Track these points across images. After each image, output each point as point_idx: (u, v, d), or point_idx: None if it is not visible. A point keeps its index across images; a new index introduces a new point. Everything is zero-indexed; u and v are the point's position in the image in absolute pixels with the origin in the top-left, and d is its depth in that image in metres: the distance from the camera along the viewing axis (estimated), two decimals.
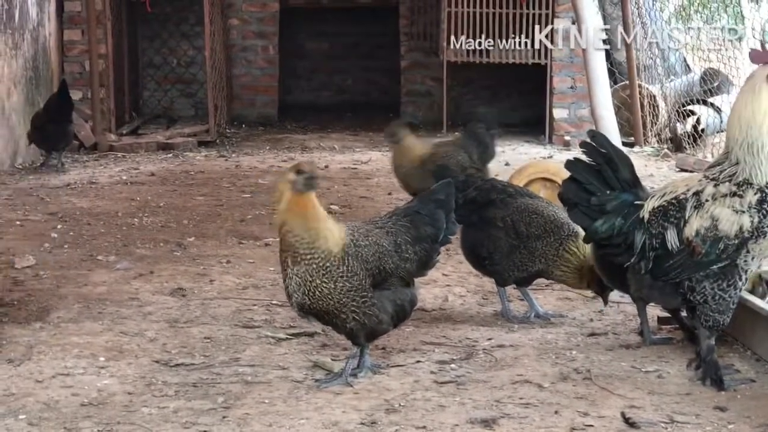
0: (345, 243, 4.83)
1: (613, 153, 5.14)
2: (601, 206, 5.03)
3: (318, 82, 17.30)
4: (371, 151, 12.96)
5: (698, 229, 4.78)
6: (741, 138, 4.81)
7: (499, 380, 4.97)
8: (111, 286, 6.65)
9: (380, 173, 11.32)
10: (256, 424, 4.41)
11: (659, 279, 4.94)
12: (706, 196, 4.81)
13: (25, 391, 4.80)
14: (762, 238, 4.72)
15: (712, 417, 4.48)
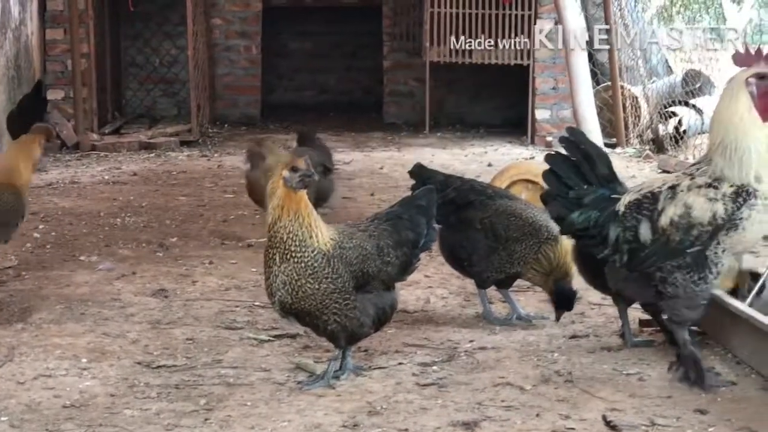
0: (333, 243, 4.84)
1: (590, 149, 5.24)
2: (579, 199, 5.11)
3: (301, 81, 17.31)
4: (354, 152, 12.98)
5: (672, 217, 4.84)
6: (718, 140, 4.86)
7: (480, 383, 4.97)
8: (93, 287, 6.65)
9: (362, 174, 11.33)
10: (238, 427, 4.41)
11: (635, 270, 4.98)
12: (682, 188, 4.88)
13: (6, 392, 4.79)
14: (734, 231, 4.77)
15: (693, 420, 4.49)
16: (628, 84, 13.54)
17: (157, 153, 12.70)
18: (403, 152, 12.98)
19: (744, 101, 4.81)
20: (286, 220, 4.78)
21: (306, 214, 4.81)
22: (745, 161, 4.77)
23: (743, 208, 4.75)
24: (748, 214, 4.75)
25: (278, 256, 4.78)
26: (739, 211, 4.75)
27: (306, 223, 4.79)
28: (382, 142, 13.87)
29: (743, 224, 4.76)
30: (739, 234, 4.78)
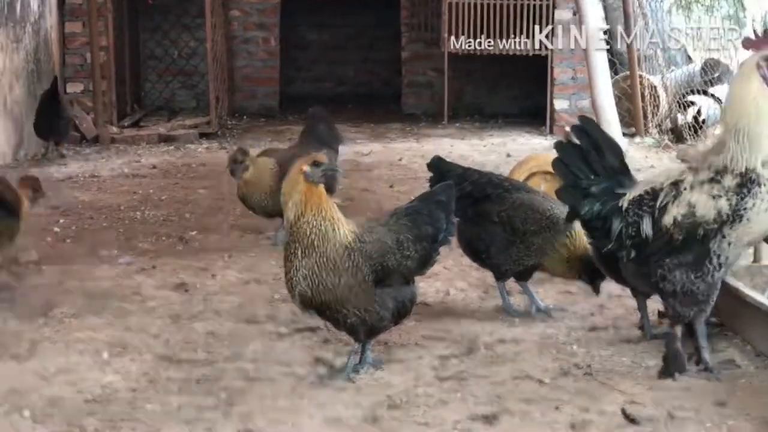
0: (351, 238, 4.85)
1: (601, 139, 5.24)
2: (585, 189, 5.13)
3: (319, 73, 17.31)
4: (372, 143, 12.98)
5: (675, 217, 4.85)
6: (732, 123, 4.86)
7: (500, 375, 4.99)
8: (114, 281, 6.68)
9: (381, 165, 11.34)
10: (259, 421, 4.44)
11: (641, 265, 5.00)
12: (685, 185, 4.89)
13: (29, 387, 4.82)
14: (738, 223, 4.77)
15: (712, 412, 4.50)
16: (646, 73, 13.49)
17: (176, 145, 12.70)
18: (422, 143, 12.97)
19: (756, 84, 4.81)
20: (309, 215, 4.80)
21: (328, 207, 4.83)
22: (755, 145, 4.77)
23: (747, 198, 4.76)
24: (752, 204, 4.75)
25: (300, 250, 4.80)
26: (743, 202, 4.75)
27: (329, 216, 4.82)
28: (401, 133, 13.86)
29: (748, 215, 4.76)
30: (744, 226, 4.78)
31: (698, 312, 4.93)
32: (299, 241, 4.80)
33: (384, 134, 13.69)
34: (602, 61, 12.07)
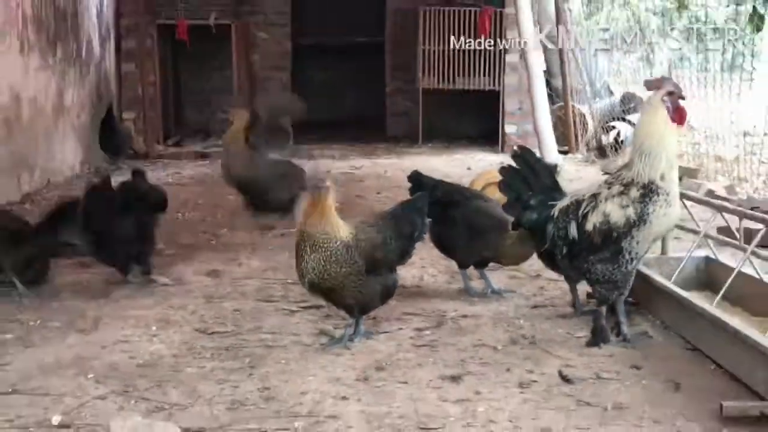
0: (349, 236, 4.83)
1: (535, 163, 5.42)
2: (525, 203, 5.22)
3: (321, 103, 17.22)
4: (363, 159, 12.95)
5: (594, 223, 4.87)
6: (638, 145, 4.88)
7: (463, 344, 4.98)
8: (161, 269, 6.62)
9: (370, 177, 11.32)
10: (274, 380, 4.42)
11: (572, 260, 5.02)
12: (601, 198, 4.90)
13: (92, 355, 4.80)
14: (644, 226, 4.77)
15: (630, 373, 4.50)
16: (577, 104, 13.51)
17: (209, 160, 12.64)
18: (402, 159, 12.95)
19: (662, 115, 4.81)
20: (315, 220, 4.78)
21: (330, 214, 4.80)
22: (655, 163, 4.78)
23: (649, 205, 4.76)
24: (653, 210, 4.75)
25: (309, 247, 4.78)
26: (646, 209, 4.76)
27: (331, 221, 4.79)
28: (386, 151, 13.85)
29: (650, 219, 4.77)
30: (648, 228, 4.79)
31: (618, 295, 4.94)
32: (307, 240, 4.78)
33: (372, 152, 13.67)
34: (542, 94, 12.12)
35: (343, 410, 4.05)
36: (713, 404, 4.02)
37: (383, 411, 4.04)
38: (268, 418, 3.97)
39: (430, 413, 4.01)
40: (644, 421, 3.92)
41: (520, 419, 3.94)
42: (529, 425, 3.88)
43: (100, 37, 12.59)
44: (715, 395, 4.15)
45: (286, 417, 3.97)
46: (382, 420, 3.94)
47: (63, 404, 4.11)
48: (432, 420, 3.94)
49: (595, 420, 3.93)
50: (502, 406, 4.09)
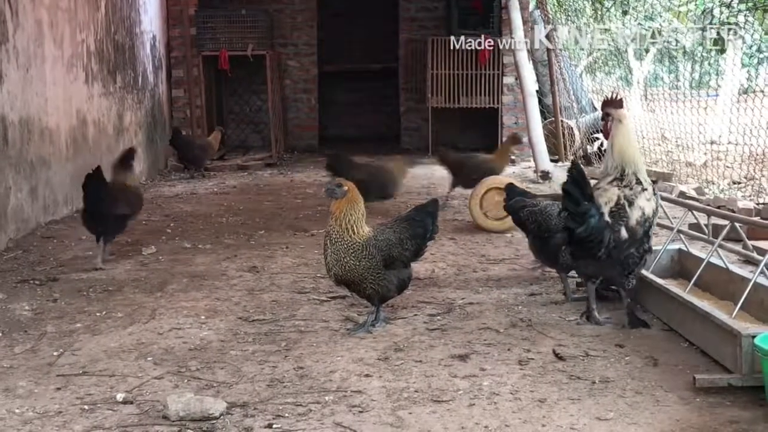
0: (368, 236, 4.83)
1: (581, 174, 4.84)
2: (585, 212, 4.73)
3: (345, 121, 17.27)
4: None
5: (636, 219, 4.78)
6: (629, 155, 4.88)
7: (469, 327, 4.97)
8: (208, 266, 6.66)
9: None
10: (307, 360, 4.43)
11: (617, 258, 4.75)
12: (633, 196, 4.80)
13: (150, 340, 4.82)
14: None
15: (614, 351, 4.49)
16: (565, 119, 13.47)
17: (249, 172, 12.69)
18: (414, 168, 12.75)
19: (631, 128, 4.93)
20: (338, 221, 4.80)
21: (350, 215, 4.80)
22: (641, 165, 4.89)
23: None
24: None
25: (332, 244, 4.80)
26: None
27: (352, 221, 4.80)
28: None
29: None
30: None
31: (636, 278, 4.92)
32: (332, 237, 4.80)
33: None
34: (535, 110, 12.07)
35: (366, 386, 4.05)
36: (687, 377, 4.02)
37: (401, 386, 4.04)
38: (302, 393, 3.98)
39: (441, 387, 4.01)
40: (627, 392, 3.91)
41: (520, 392, 3.94)
42: (527, 397, 3.88)
43: (153, 67, 12.63)
44: (689, 369, 4.15)
45: (318, 392, 3.98)
46: (400, 394, 3.95)
47: (126, 383, 4.14)
48: (443, 393, 3.94)
49: (584, 392, 3.92)
50: (504, 380, 4.09)
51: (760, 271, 4.43)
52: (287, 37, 15.46)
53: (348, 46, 16.70)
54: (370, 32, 16.61)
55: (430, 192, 10.42)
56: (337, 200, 4.82)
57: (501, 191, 7.88)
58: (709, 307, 4.41)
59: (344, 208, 4.81)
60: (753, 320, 4.64)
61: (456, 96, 14.13)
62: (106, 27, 10.55)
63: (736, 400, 3.79)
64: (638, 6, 15.05)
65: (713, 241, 5.01)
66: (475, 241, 7.50)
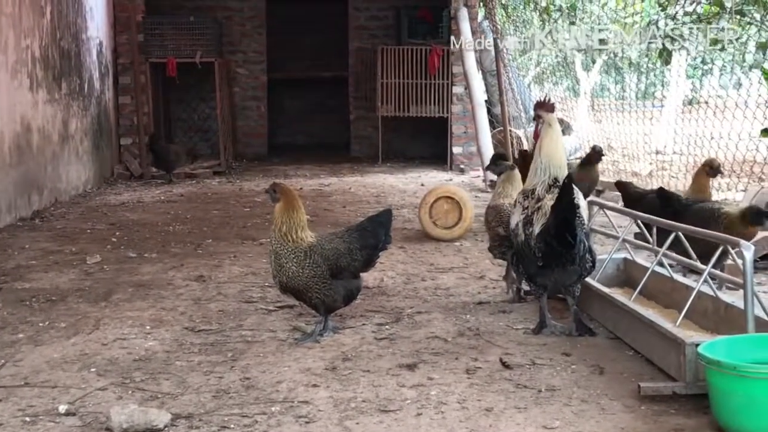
0: (311, 243, 4.80)
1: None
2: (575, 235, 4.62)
3: (294, 129, 17.25)
4: (330, 177, 12.91)
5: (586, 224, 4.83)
6: (546, 158, 4.91)
7: (418, 336, 4.97)
8: (154, 276, 6.58)
9: (337, 192, 11.29)
10: (254, 371, 4.39)
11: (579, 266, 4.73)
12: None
13: (94, 351, 4.74)
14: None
15: (561, 360, 4.51)
16: (514, 128, 13.57)
17: (197, 180, 12.60)
18: (364, 177, 12.95)
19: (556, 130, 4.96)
20: (278, 228, 4.78)
21: (290, 221, 4.78)
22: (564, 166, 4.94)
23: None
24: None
25: (273, 250, 4.79)
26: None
27: (292, 228, 4.77)
28: (350, 170, 13.82)
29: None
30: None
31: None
32: (273, 244, 4.79)
33: (339, 171, 13.66)
34: (484, 120, 12.16)
35: (314, 396, 4.03)
36: (632, 385, 4.05)
37: (349, 396, 4.02)
38: (248, 404, 3.94)
39: (389, 397, 4.00)
40: (573, 400, 3.93)
41: (467, 401, 3.94)
42: (474, 406, 3.88)
43: (99, 74, 12.48)
44: (634, 377, 4.18)
45: (264, 403, 3.95)
46: (347, 404, 3.93)
47: (69, 395, 4.06)
48: (391, 403, 3.93)
49: (531, 401, 3.94)
50: (452, 389, 4.09)
51: (703, 280, 4.49)
52: (236, 44, 15.41)
53: (298, 54, 16.68)
54: (321, 40, 16.62)
55: (380, 201, 10.42)
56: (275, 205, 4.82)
57: (450, 200, 7.96)
58: (654, 316, 4.45)
59: (281, 214, 4.78)
60: (697, 329, 4.69)
61: (406, 105, 14.18)
62: (51, 33, 10.40)
63: (681, 408, 3.83)
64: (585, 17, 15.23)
65: (657, 250, 5.07)
66: (425, 250, 7.52)
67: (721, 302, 4.63)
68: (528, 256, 4.80)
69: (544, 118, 4.99)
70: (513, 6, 15.06)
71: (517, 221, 4.91)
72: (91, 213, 9.69)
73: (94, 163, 11.87)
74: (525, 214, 4.85)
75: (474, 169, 13.20)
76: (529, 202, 4.86)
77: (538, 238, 4.70)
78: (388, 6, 15.36)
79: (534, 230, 4.74)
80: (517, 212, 4.95)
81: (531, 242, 4.75)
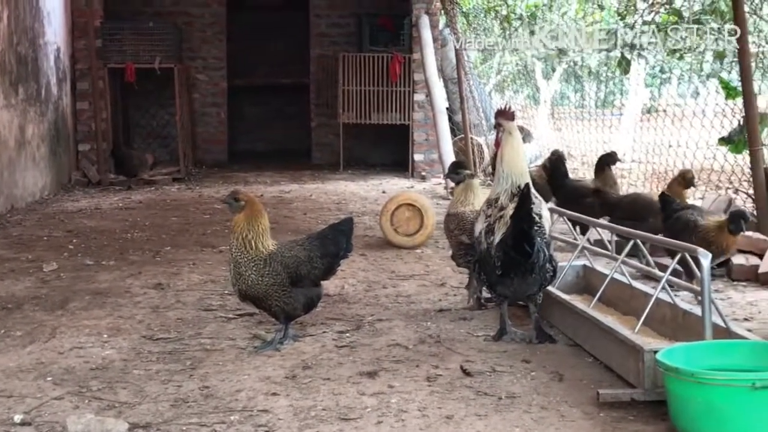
0: (272, 251, 4.78)
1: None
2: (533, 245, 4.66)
3: (255, 136, 17.16)
4: (292, 184, 12.86)
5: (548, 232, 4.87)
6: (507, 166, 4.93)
7: (379, 344, 4.96)
8: (111, 283, 6.52)
9: (298, 199, 11.25)
10: (213, 380, 4.35)
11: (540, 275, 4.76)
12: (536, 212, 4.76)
13: (50, 360, 4.68)
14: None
15: (521, 366, 4.53)
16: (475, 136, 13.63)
17: (156, 187, 12.49)
18: (325, 184, 12.93)
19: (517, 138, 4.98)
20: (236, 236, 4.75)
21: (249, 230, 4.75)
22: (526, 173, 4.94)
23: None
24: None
25: (232, 258, 4.76)
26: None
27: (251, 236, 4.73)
28: (311, 177, 13.78)
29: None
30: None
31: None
32: (233, 252, 4.76)
33: (299, 178, 13.62)
34: (445, 127, 12.20)
35: (273, 404, 4.01)
36: (591, 392, 4.08)
37: (309, 404, 4.01)
38: (207, 413, 3.91)
39: (349, 405, 3.99)
40: (533, 407, 3.95)
41: (428, 408, 3.94)
42: (435, 413, 3.89)
43: (57, 79, 12.35)
44: (593, 384, 4.21)
45: (224, 412, 3.92)
46: (307, 412, 3.91)
47: (24, 404, 4.00)
48: (351, 411, 3.92)
49: (491, 408, 3.95)
50: (413, 397, 4.09)
51: (661, 287, 4.54)
52: (196, 50, 15.32)
53: (259, 60, 16.63)
54: (282, 47, 16.59)
55: (341, 208, 10.41)
56: (235, 213, 4.78)
57: (411, 207, 7.97)
58: (613, 323, 4.49)
59: (242, 223, 4.76)
60: (655, 335, 4.74)
61: (367, 112, 14.18)
62: (8, 38, 10.28)
63: (639, 415, 3.86)
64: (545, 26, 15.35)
65: (616, 257, 5.11)
66: (386, 257, 7.52)
67: (679, 309, 4.68)
68: (489, 264, 4.82)
69: (504, 127, 5.02)
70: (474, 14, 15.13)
71: (480, 229, 4.93)
72: (47, 220, 9.57)
73: (51, 170, 11.74)
74: (487, 222, 4.87)
75: (435, 177, 13.23)
76: (492, 211, 4.89)
77: (498, 247, 4.72)
78: (349, 13, 15.36)
79: (495, 239, 4.76)
80: (480, 220, 4.98)
81: (492, 251, 4.77)
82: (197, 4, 15.34)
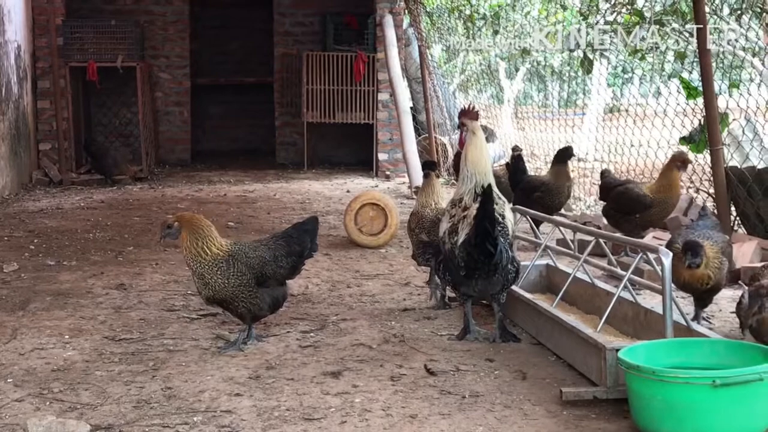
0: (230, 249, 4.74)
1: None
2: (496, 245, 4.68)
3: (218, 135, 17.05)
4: (255, 184, 12.80)
5: (511, 233, 4.89)
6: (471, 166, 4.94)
7: (343, 344, 4.96)
8: (73, 284, 6.45)
9: (262, 199, 11.20)
10: (176, 380, 4.33)
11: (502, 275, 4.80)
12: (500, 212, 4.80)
13: (11, 361, 4.63)
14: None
15: (484, 365, 4.55)
16: (439, 135, 13.67)
17: (118, 186, 12.37)
18: (289, 183, 12.89)
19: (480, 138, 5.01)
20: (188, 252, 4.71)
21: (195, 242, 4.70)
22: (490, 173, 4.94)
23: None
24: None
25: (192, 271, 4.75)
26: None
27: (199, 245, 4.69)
28: (275, 176, 13.73)
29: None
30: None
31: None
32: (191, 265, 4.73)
33: (264, 177, 13.56)
34: (409, 127, 12.21)
35: (237, 405, 3.99)
36: (554, 390, 4.11)
37: (272, 405, 4.00)
38: (170, 414, 3.89)
39: (313, 405, 3.99)
40: (496, 406, 3.97)
41: (392, 408, 3.95)
42: (399, 413, 3.89)
43: (17, 78, 12.20)
44: (556, 383, 4.24)
45: (187, 413, 3.90)
46: (271, 413, 3.90)
47: None
48: (315, 411, 3.91)
49: (455, 407, 3.96)
50: (376, 397, 4.09)
51: (623, 286, 4.58)
52: (159, 48, 15.19)
53: (223, 59, 16.55)
54: (246, 46, 16.52)
55: (305, 208, 10.38)
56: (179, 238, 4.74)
57: (375, 206, 7.97)
58: (575, 321, 4.52)
59: (187, 239, 4.71)
60: (617, 334, 4.79)
61: (331, 111, 14.15)
62: None
63: (602, 413, 3.89)
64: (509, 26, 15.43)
65: (579, 256, 5.15)
66: (350, 257, 7.51)
67: (641, 308, 4.73)
68: (453, 264, 4.83)
69: (468, 126, 5.04)
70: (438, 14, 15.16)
71: (444, 229, 4.94)
72: (8, 220, 9.45)
73: (11, 169, 11.59)
74: (451, 222, 4.89)
75: (399, 176, 13.25)
76: (456, 211, 4.90)
77: (461, 247, 4.74)
78: (313, 12, 15.33)
79: (458, 239, 4.78)
80: (444, 220, 4.99)
81: (456, 251, 4.78)
82: (160, 1, 15.22)
